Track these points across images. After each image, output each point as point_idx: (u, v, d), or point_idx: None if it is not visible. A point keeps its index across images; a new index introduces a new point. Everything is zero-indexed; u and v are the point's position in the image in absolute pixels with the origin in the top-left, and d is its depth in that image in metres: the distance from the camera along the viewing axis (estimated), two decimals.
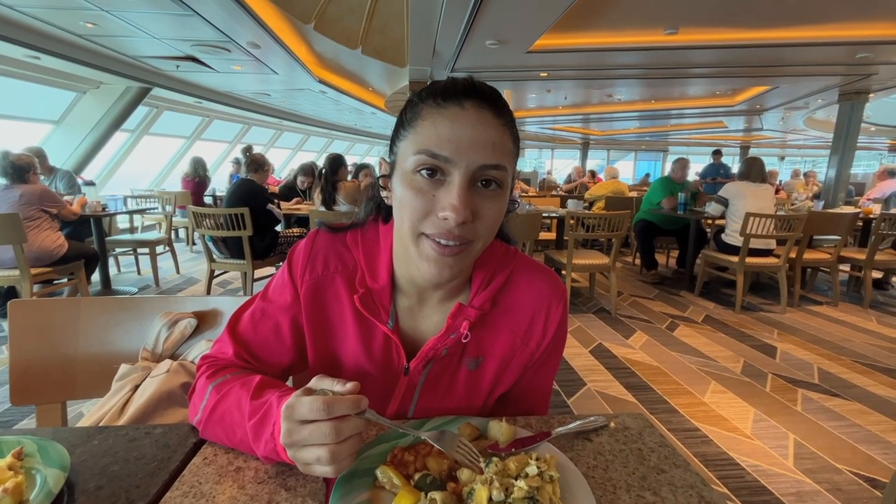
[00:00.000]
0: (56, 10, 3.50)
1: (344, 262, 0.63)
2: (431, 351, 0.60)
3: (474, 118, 0.50)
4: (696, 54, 4.80)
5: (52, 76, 4.94)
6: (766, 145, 15.57)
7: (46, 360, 0.85)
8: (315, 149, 13.66)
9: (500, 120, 0.52)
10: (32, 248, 2.81)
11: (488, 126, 0.51)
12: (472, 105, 0.51)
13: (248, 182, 3.32)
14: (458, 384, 0.63)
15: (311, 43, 4.79)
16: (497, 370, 0.63)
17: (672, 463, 0.52)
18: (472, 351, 0.62)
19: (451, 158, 0.49)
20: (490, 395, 0.64)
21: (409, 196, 0.51)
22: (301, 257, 0.63)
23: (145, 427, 0.58)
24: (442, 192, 0.50)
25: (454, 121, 0.50)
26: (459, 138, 0.49)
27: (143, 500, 0.44)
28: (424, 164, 0.50)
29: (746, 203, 3.50)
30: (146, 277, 4.28)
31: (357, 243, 0.63)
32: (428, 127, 0.51)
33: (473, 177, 0.50)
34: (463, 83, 0.52)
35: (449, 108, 0.51)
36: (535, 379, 0.67)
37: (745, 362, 2.62)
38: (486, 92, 0.53)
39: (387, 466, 0.47)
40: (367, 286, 0.61)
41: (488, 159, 0.50)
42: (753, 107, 8.22)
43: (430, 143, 0.50)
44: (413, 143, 0.51)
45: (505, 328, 0.63)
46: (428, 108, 0.52)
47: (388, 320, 0.60)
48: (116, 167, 6.96)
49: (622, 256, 5.66)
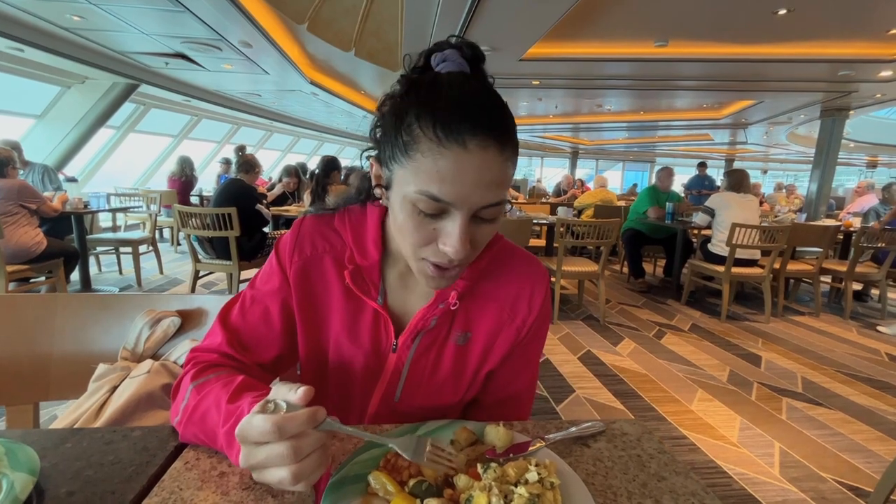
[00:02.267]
0: (43, 2, 3.42)
1: (331, 243, 0.63)
2: (420, 321, 0.60)
3: (479, 161, 0.46)
4: (684, 67, 4.90)
5: (35, 69, 4.82)
6: (749, 158, 15.95)
7: (18, 358, 0.81)
8: (305, 151, 13.58)
9: (504, 154, 0.48)
10: (9, 244, 2.73)
11: (492, 166, 0.47)
12: (477, 145, 0.46)
13: (238, 181, 3.27)
14: (445, 359, 0.63)
15: (304, 44, 4.76)
16: (484, 345, 0.63)
17: (672, 470, 0.51)
18: (461, 325, 0.63)
19: (454, 203, 0.47)
20: (477, 372, 0.64)
21: (410, 226, 0.50)
22: (288, 243, 0.63)
23: (123, 429, 0.55)
24: (442, 226, 0.49)
25: (457, 164, 0.46)
26: (463, 183, 0.46)
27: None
28: (425, 204, 0.48)
29: (732, 214, 3.55)
30: (128, 277, 4.17)
31: (344, 224, 0.63)
32: (429, 165, 0.46)
33: (473, 214, 0.49)
34: (468, 109, 0.47)
35: (451, 148, 0.46)
36: (522, 358, 0.67)
37: (731, 371, 2.64)
38: (494, 122, 0.47)
39: (380, 472, 0.45)
40: (356, 263, 0.61)
41: (490, 199, 0.48)
42: (738, 120, 8.41)
43: (430, 185, 0.47)
44: (413, 177, 0.48)
45: (492, 302, 0.63)
46: (428, 143, 0.46)
47: (377, 296, 0.61)
48: (100, 164, 6.80)
49: (610, 265, 5.70)
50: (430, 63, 0.54)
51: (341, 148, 15.20)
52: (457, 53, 0.53)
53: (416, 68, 0.55)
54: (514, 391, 0.68)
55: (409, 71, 0.55)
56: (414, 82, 0.52)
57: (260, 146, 11.18)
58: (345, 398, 0.65)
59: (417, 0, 3.32)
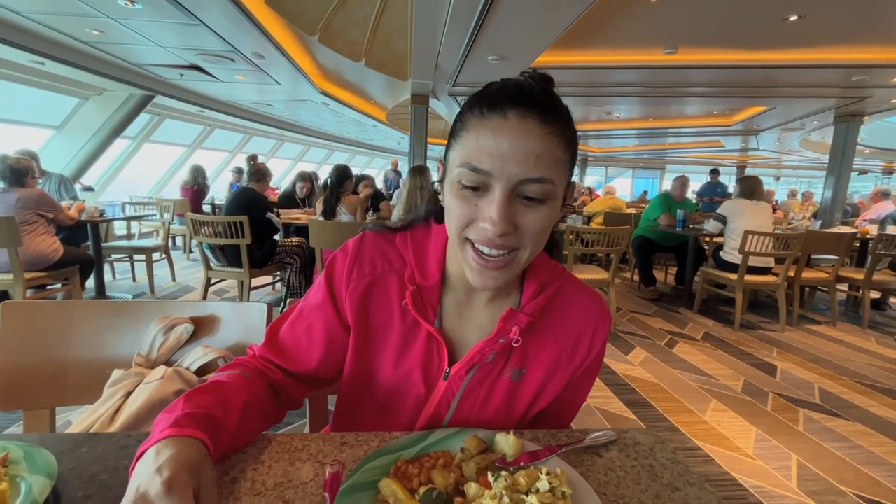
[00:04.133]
0: (63, 17, 3.53)
1: (391, 262, 0.62)
2: (478, 355, 0.59)
3: (517, 129, 0.48)
4: (694, 74, 4.88)
5: (55, 82, 4.96)
6: (762, 165, 15.76)
7: (36, 363, 0.83)
8: (315, 160, 13.73)
9: (547, 128, 0.48)
10: (27, 251, 2.78)
11: (532, 136, 0.48)
12: (516, 114, 0.48)
13: (249, 190, 3.32)
14: (497, 394, 0.61)
15: (315, 55, 4.84)
16: (540, 383, 0.61)
17: (686, 481, 0.50)
18: (517, 361, 0.61)
19: (491, 172, 0.48)
20: (529, 409, 0.62)
21: (455, 204, 0.52)
22: (348, 261, 0.62)
23: (137, 434, 0.55)
24: (484, 203, 0.50)
25: (496, 133, 0.48)
26: (500, 151, 0.48)
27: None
28: (467, 177, 0.50)
29: (745, 221, 3.51)
30: (141, 284, 4.23)
31: (407, 243, 0.63)
32: (472, 139, 0.50)
33: (514, 190, 0.49)
34: (511, 88, 0.50)
35: (492, 118, 0.48)
36: (571, 396, 0.66)
37: (746, 381, 2.59)
38: (536, 96, 0.49)
39: (390, 479, 0.45)
40: (416, 283, 0.60)
41: (530, 173, 0.48)
42: (750, 127, 8.34)
43: (471, 157, 0.49)
44: (459, 154, 0.51)
45: (552, 340, 0.62)
46: (473, 119, 0.50)
47: (434, 320, 0.60)
48: (116, 173, 6.95)
49: (620, 272, 5.65)
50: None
51: (351, 157, 15.35)
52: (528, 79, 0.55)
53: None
54: (557, 423, 0.67)
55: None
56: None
57: (271, 155, 11.33)
58: (389, 420, 0.63)
59: (427, 10, 3.36)
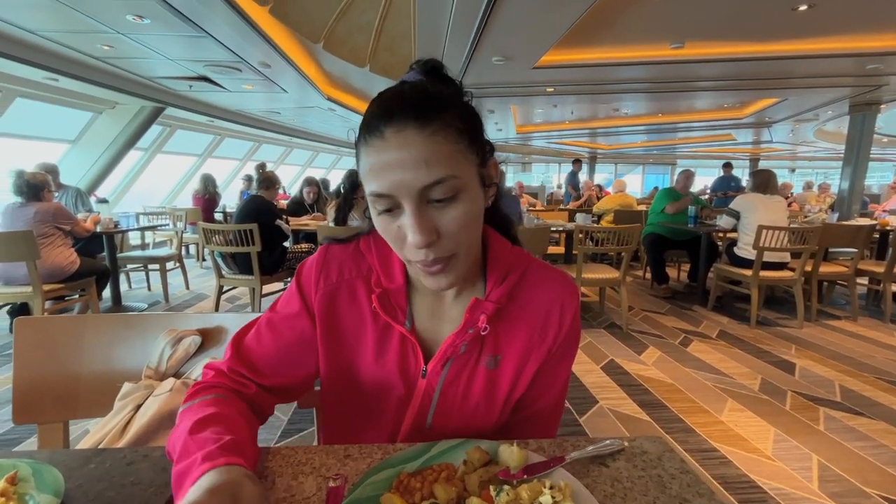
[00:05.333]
0: (75, 34, 3.61)
1: (359, 268, 0.64)
2: (450, 348, 0.60)
3: (396, 145, 0.48)
4: (702, 68, 4.80)
5: (69, 97, 5.08)
6: (775, 157, 15.47)
7: (50, 378, 0.84)
8: (324, 165, 13.83)
9: (427, 130, 0.48)
10: (45, 264, 2.85)
11: (413, 146, 0.48)
12: (393, 131, 0.48)
13: (258, 198, 3.36)
14: (476, 385, 0.61)
15: (321, 62, 4.88)
16: (515, 368, 0.62)
17: (696, 491, 0.49)
18: (491, 348, 0.62)
19: (391, 193, 0.49)
20: (510, 395, 0.63)
21: (381, 228, 0.54)
22: (313, 269, 0.64)
23: (144, 450, 0.56)
24: (402, 220, 0.51)
25: (379, 155, 0.49)
26: (389, 171, 0.48)
27: None
28: (377, 203, 0.51)
29: (758, 216, 3.44)
30: (156, 293, 4.31)
31: (370, 248, 0.64)
32: (365, 167, 0.51)
33: (421, 198, 0.49)
34: (386, 104, 0.50)
35: (373, 142, 0.49)
36: (552, 376, 0.65)
37: (763, 379, 2.54)
38: (408, 104, 0.49)
39: (392, 494, 0.45)
40: (382, 286, 0.61)
41: (425, 179, 0.48)
42: (762, 119, 8.19)
43: (369, 183, 0.50)
44: (364, 185, 0.52)
45: (521, 324, 0.62)
46: (361, 147, 0.51)
47: (405, 321, 0.61)
48: (130, 185, 7.09)
49: (632, 270, 5.59)
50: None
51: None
52: (414, 73, 0.58)
53: None
54: (539, 409, 0.66)
55: None
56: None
57: (280, 162, 11.45)
58: (374, 423, 0.64)
59: (429, 14, 3.37)
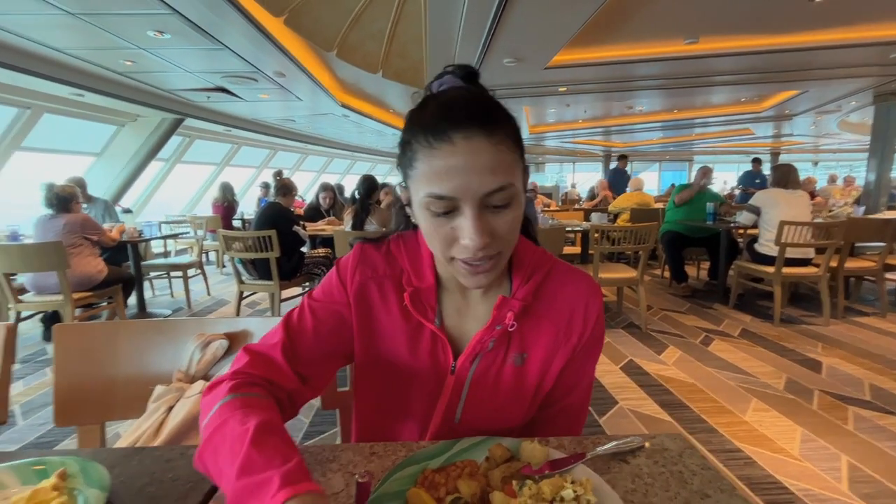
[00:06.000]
0: (99, 51, 3.75)
1: (391, 267, 0.66)
2: (479, 344, 0.62)
3: (466, 150, 0.50)
4: (718, 62, 4.73)
5: (94, 111, 5.26)
6: (797, 151, 15.06)
7: (87, 382, 0.88)
8: (339, 171, 13.99)
9: (493, 139, 0.51)
10: (75, 273, 2.95)
11: (482, 153, 0.50)
12: (462, 137, 0.50)
13: (275, 205, 3.42)
14: (504, 381, 0.63)
15: (334, 69, 4.96)
16: (542, 365, 0.64)
17: (717, 487, 0.49)
18: (517, 346, 0.64)
19: (456, 196, 0.51)
20: (537, 392, 0.65)
21: (431, 230, 0.55)
22: (351, 262, 0.67)
23: (180, 448, 0.59)
24: (458, 222, 0.53)
25: (447, 159, 0.50)
26: (457, 175, 0.50)
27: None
28: (434, 205, 0.52)
29: (780, 211, 3.37)
30: (179, 300, 4.42)
31: (400, 249, 0.67)
32: (427, 168, 0.51)
33: (482, 203, 0.52)
34: (450, 110, 0.51)
35: (441, 147, 0.50)
36: (577, 375, 0.67)
37: (788, 378, 2.48)
38: (475, 113, 0.51)
39: (417, 489, 0.47)
40: (413, 285, 0.63)
41: (490, 185, 0.51)
42: (782, 112, 8.00)
43: (432, 186, 0.51)
44: (419, 185, 0.53)
45: (547, 322, 0.65)
46: (422, 149, 0.52)
47: (434, 318, 0.63)
48: (152, 194, 7.29)
49: (650, 269, 5.51)
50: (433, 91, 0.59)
51: (372, 165, 15.57)
52: (451, 77, 0.59)
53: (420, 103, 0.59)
54: (565, 405, 0.69)
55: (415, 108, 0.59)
56: (413, 112, 0.57)
57: (296, 169, 11.63)
58: (405, 416, 0.67)
59: (440, 18, 3.40)
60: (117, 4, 2.87)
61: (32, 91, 4.36)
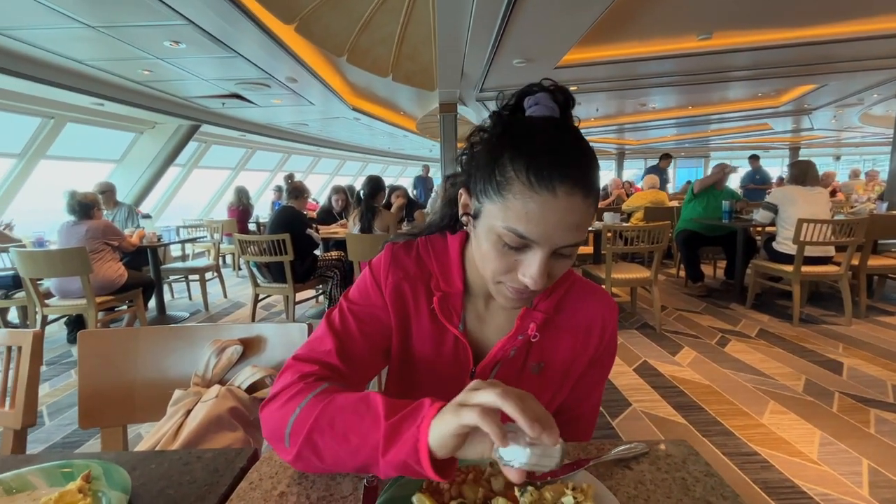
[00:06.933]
0: (118, 61, 3.86)
1: (421, 269, 0.68)
2: (500, 351, 0.64)
3: (565, 207, 0.50)
4: (733, 58, 4.64)
5: (114, 120, 5.42)
6: (818, 145, 14.67)
7: (110, 386, 0.92)
8: (351, 173, 14.12)
9: (589, 199, 0.51)
10: (97, 278, 3.05)
11: (576, 212, 0.50)
12: (565, 192, 0.49)
13: (289, 208, 3.48)
14: (521, 388, 0.62)
15: (345, 74, 5.01)
16: (559, 375, 0.67)
17: (720, 494, 0.49)
18: (537, 355, 0.66)
19: (537, 241, 0.51)
20: (552, 400, 0.68)
21: (493, 255, 0.55)
22: (383, 263, 0.68)
23: (197, 451, 0.61)
24: (524, 258, 0.53)
25: (544, 207, 0.50)
26: (548, 224, 0.50)
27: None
28: (510, 239, 0.52)
29: (797, 208, 3.30)
30: (197, 302, 4.52)
31: (429, 252, 0.68)
32: (519, 206, 0.50)
33: (554, 251, 0.53)
34: (559, 166, 0.50)
35: (541, 193, 0.49)
36: (588, 383, 0.71)
37: (807, 380, 2.43)
38: (581, 171, 0.50)
39: (423, 494, 0.48)
40: (442, 290, 0.65)
41: (570, 240, 0.52)
42: (801, 106, 7.80)
43: (518, 223, 0.51)
44: (501, 213, 0.52)
45: (566, 334, 0.67)
46: (520, 185, 0.50)
47: (458, 324, 0.65)
48: (170, 199, 7.46)
49: (665, 269, 5.44)
50: (523, 104, 0.57)
51: (384, 167, 15.66)
52: (548, 97, 0.56)
53: (508, 106, 0.59)
54: (577, 414, 0.72)
55: (501, 108, 0.59)
56: (508, 124, 0.55)
57: (309, 171, 11.77)
58: None
59: (449, 21, 3.41)
60: (134, 17, 2.95)
61: (56, 101, 4.50)
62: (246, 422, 0.87)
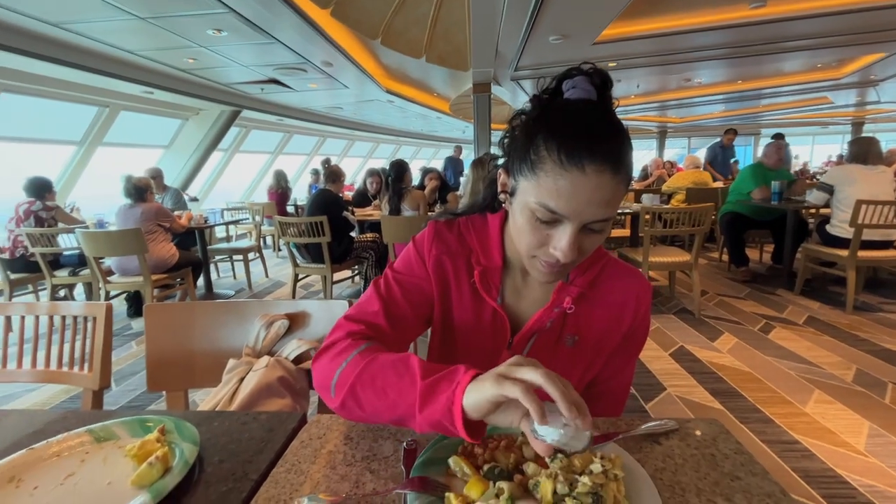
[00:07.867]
0: (164, 51, 4.04)
1: (462, 245, 0.72)
2: (537, 323, 0.68)
3: (594, 183, 0.52)
4: (789, 26, 4.31)
5: (162, 107, 5.70)
6: (884, 120, 13.47)
7: (172, 354, 1.01)
8: (384, 156, 14.24)
9: (618, 177, 0.53)
10: (152, 257, 3.26)
11: (605, 188, 0.52)
12: (594, 169, 0.51)
13: (326, 192, 3.58)
14: (556, 359, 0.69)
15: (379, 56, 5.02)
16: (592, 348, 0.70)
17: (749, 471, 0.50)
18: (572, 328, 0.69)
19: (567, 216, 0.54)
20: (585, 372, 0.71)
21: (527, 229, 0.58)
22: (427, 238, 0.72)
23: (253, 413, 0.67)
24: (555, 233, 0.56)
25: (574, 184, 0.52)
26: (577, 200, 0.53)
27: (255, 474, 0.53)
28: (542, 214, 0.55)
29: (857, 189, 3.08)
30: (241, 281, 4.75)
31: (469, 229, 0.72)
32: (549, 182, 0.53)
33: (584, 226, 0.55)
34: (589, 143, 0.52)
35: (571, 171, 0.52)
36: (621, 359, 0.73)
37: (859, 369, 2.32)
38: (610, 149, 0.52)
39: (459, 457, 0.52)
40: (482, 265, 0.69)
41: (599, 216, 0.54)
42: (866, 78, 7.17)
43: (549, 199, 0.54)
44: (534, 189, 0.55)
45: (600, 310, 0.70)
46: (551, 163, 0.53)
47: (497, 297, 0.69)
48: (214, 183, 7.81)
49: (707, 252, 5.24)
50: (562, 87, 0.59)
51: (417, 150, 15.69)
52: (586, 80, 0.58)
53: (548, 90, 0.60)
54: (610, 388, 0.75)
55: (541, 92, 0.61)
56: (545, 107, 0.58)
57: (343, 155, 11.96)
58: None
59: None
60: (180, 7, 3.08)
61: (110, 90, 4.78)
62: (293, 390, 0.93)
